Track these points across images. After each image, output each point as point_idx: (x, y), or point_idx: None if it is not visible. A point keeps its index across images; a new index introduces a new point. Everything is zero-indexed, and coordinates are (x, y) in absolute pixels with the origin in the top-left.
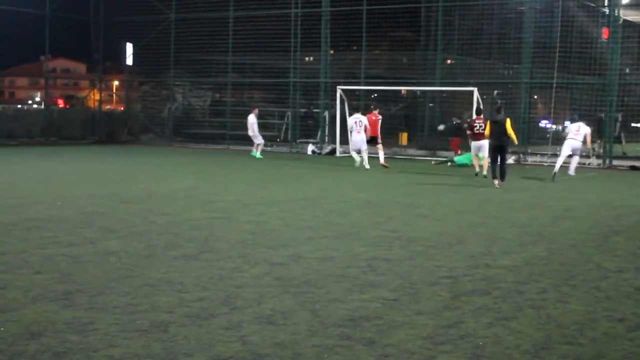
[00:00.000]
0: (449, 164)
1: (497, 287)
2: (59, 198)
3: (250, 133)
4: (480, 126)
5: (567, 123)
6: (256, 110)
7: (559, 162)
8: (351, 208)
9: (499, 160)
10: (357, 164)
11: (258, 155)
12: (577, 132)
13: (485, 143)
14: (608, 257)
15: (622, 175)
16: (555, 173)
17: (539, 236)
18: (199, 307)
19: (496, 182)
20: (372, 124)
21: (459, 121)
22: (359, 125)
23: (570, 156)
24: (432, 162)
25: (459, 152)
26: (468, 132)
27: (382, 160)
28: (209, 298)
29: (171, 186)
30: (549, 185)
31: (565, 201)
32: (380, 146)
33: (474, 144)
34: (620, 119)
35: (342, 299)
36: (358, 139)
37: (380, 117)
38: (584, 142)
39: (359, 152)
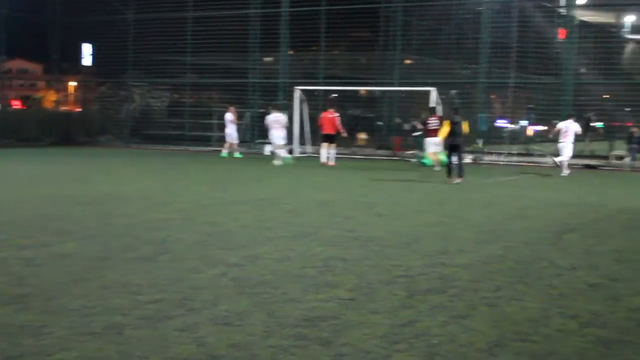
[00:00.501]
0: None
1: (453, 285)
2: (14, 200)
3: (227, 131)
4: (434, 124)
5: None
6: (232, 109)
7: (564, 164)
8: (309, 208)
9: (456, 159)
10: (279, 162)
11: (237, 154)
12: (566, 133)
13: (436, 140)
14: (562, 254)
15: (577, 174)
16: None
17: (495, 235)
18: (155, 309)
19: (455, 180)
20: (328, 122)
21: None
22: (277, 123)
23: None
24: (414, 160)
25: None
26: (419, 126)
27: (332, 160)
28: (165, 300)
29: (128, 188)
30: (505, 184)
31: (521, 200)
32: (332, 145)
33: (428, 140)
34: (592, 119)
35: (299, 299)
36: (274, 135)
37: (337, 115)
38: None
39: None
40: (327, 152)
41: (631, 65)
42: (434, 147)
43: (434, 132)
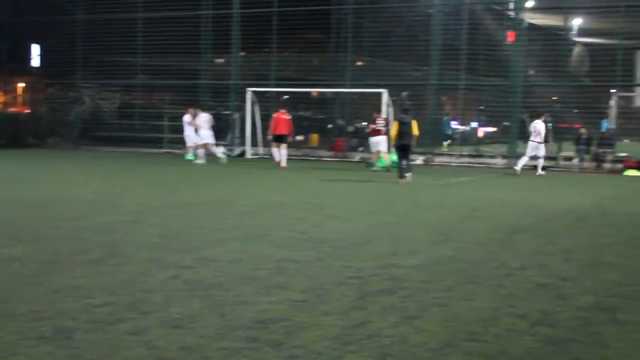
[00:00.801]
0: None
1: (404, 286)
2: None
3: (186, 133)
4: (381, 124)
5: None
6: (191, 110)
7: (522, 161)
8: (261, 210)
9: (405, 158)
10: (199, 161)
11: (196, 158)
12: (535, 133)
13: (383, 139)
14: (512, 255)
15: (526, 175)
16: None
17: (446, 235)
18: (105, 313)
19: (402, 180)
20: (280, 123)
21: (358, 124)
22: (208, 122)
23: (534, 157)
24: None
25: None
26: (372, 126)
27: (283, 162)
28: (115, 303)
29: (78, 190)
30: (457, 185)
31: (472, 201)
32: (284, 146)
33: (372, 140)
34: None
35: (251, 301)
36: (204, 134)
37: (289, 116)
38: (546, 141)
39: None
40: (279, 153)
41: (578, 68)
42: (375, 147)
43: (378, 132)
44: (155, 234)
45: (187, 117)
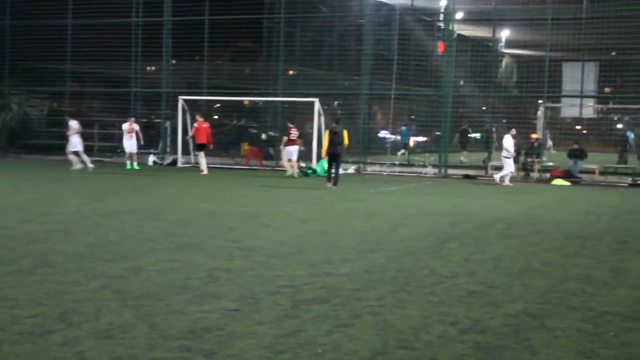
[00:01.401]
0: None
1: (337, 294)
2: None
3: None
4: (294, 134)
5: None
6: (132, 119)
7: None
8: (193, 219)
9: (334, 167)
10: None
11: (135, 165)
12: (504, 148)
13: (296, 149)
14: (442, 263)
15: (457, 184)
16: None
17: (378, 244)
18: (34, 324)
19: (329, 185)
20: (201, 131)
21: (272, 134)
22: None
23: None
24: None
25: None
26: (285, 138)
27: (204, 169)
28: (45, 314)
29: (5, 199)
30: (388, 194)
31: (404, 209)
32: (202, 154)
33: (287, 149)
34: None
35: (183, 310)
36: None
37: (207, 124)
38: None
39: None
40: (204, 161)
41: (507, 78)
42: (288, 155)
43: (293, 142)
44: (85, 243)
45: (125, 125)
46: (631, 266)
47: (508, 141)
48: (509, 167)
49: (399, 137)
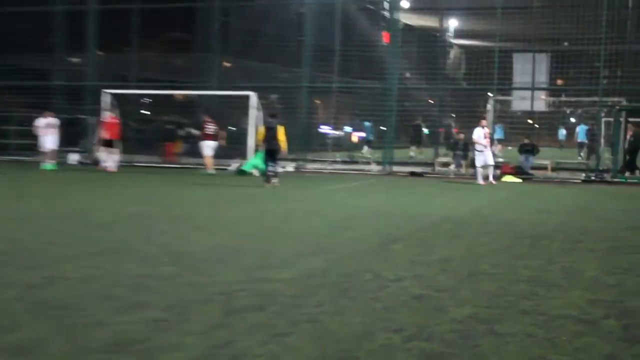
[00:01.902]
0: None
1: (274, 301)
2: None
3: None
4: (211, 128)
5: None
6: (46, 114)
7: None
8: (118, 222)
9: (272, 164)
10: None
11: (51, 166)
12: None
13: (212, 144)
14: (387, 266)
15: (402, 182)
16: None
17: (318, 247)
18: None
19: (269, 183)
20: (110, 127)
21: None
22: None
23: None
24: (225, 173)
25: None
26: (199, 133)
27: (113, 166)
28: None
29: None
30: (330, 193)
31: (346, 209)
32: (115, 150)
33: (203, 145)
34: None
35: (106, 322)
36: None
37: (117, 120)
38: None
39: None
40: (111, 157)
41: (455, 70)
42: (208, 151)
43: (210, 137)
44: None
45: (40, 121)
46: (584, 267)
47: (477, 134)
48: (481, 161)
49: (342, 133)
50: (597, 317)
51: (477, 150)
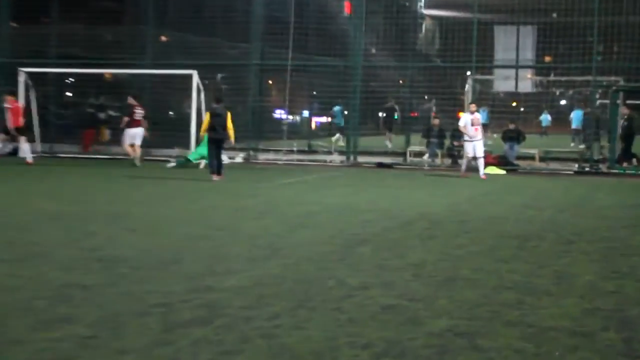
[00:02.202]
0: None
1: (221, 314)
2: None
3: None
4: (139, 113)
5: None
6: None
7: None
8: (39, 223)
9: (219, 154)
10: None
11: None
12: (476, 127)
13: (140, 132)
14: (352, 271)
15: (369, 174)
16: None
17: (272, 249)
18: None
19: (215, 177)
20: (13, 112)
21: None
22: None
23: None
24: (168, 166)
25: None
26: (126, 119)
27: (28, 157)
28: None
29: None
30: (285, 187)
31: (305, 206)
32: (23, 139)
33: (130, 132)
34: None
35: (25, 339)
36: None
37: (20, 104)
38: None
39: None
40: (26, 147)
41: (428, 45)
42: (132, 139)
43: (137, 123)
44: None
45: None
46: (578, 271)
47: (464, 120)
48: (469, 151)
49: (298, 118)
50: (594, 328)
51: (465, 141)
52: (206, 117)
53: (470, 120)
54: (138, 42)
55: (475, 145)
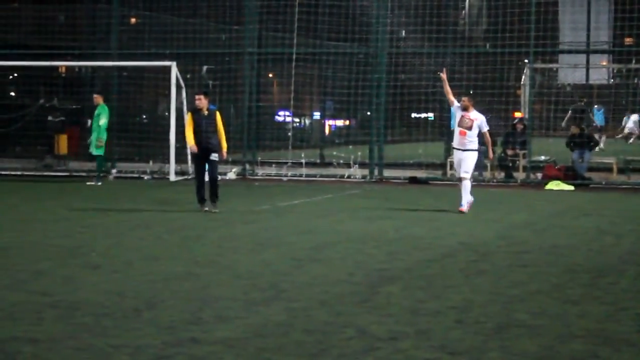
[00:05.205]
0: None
1: None
2: None
3: None
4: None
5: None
6: None
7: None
8: None
9: (206, 173)
10: None
11: None
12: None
13: None
14: (376, 318)
15: (398, 193)
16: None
17: (275, 290)
18: None
19: (206, 207)
20: None
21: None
22: None
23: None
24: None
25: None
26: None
27: None
28: None
29: None
30: (289, 211)
31: (316, 235)
32: None
33: None
34: None
35: None
36: None
37: None
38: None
39: None
40: None
41: (472, 27)
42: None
43: None
44: None
45: None
46: None
47: (478, 122)
48: (456, 165)
49: (308, 122)
50: None
51: (454, 148)
52: (188, 119)
53: (458, 119)
54: (100, 26)
55: (462, 158)
